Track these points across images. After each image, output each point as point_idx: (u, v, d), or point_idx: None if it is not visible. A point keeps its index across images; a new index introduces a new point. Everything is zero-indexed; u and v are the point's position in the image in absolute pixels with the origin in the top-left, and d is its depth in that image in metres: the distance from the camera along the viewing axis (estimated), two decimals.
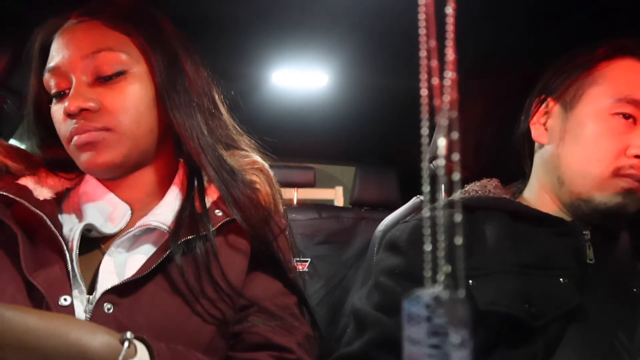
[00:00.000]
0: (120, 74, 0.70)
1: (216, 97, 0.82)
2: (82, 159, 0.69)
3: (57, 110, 0.71)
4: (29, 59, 0.76)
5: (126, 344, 0.52)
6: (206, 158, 0.73)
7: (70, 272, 0.64)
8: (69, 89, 0.70)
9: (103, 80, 0.70)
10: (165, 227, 0.70)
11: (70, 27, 0.72)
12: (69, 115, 0.68)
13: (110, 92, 0.69)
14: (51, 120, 0.73)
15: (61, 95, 0.71)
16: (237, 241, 0.73)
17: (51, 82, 0.71)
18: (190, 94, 0.75)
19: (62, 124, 0.70)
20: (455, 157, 0.25)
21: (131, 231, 0.69)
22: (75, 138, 0.68)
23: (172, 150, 0.79)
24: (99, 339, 0.50)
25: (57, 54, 0.70)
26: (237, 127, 0.84)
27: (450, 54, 0.25)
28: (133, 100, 0.70)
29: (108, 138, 0.68)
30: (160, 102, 0.73)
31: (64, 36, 0.71)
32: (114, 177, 0.74)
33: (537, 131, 0.87)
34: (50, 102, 0.73)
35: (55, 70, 0.70)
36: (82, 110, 0.67)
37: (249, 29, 1.15)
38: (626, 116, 0.77)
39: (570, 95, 0.82)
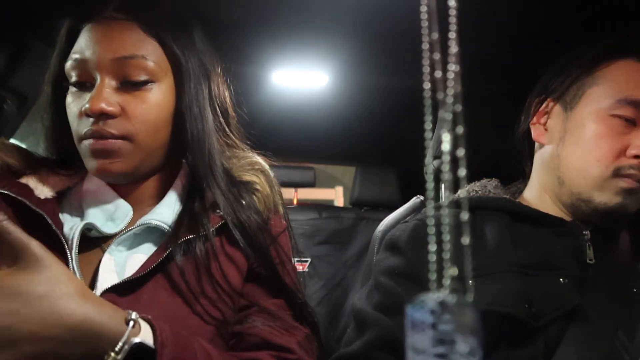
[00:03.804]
0: (148, 82, 0.69)
1: (230, 108, 0.81)
2: (93, 163, 0.68)
3: (74, 103, 0.69)
4: (51, 41, 0.72)
5: (131, 323, 0.53)
6: (215, 181, 0.73)
7: (71, 271, 0.64)
8: (90, 82, 0.68)
9: (129, 86, 0.68)
10: (165, 226, 0.70)
11: (105, 24, 0.69)
12: (88, 114, 0.66)
13: (134, 99, 0.68)
14: (65, 105, 0.71)
15: (80, 86, 0.69)
16: (237, 241, 0.73)
17: (73, 72, 0.69)
18: (210, 112, 0.75)
19: (76, 119, 0.68)
20: (460, 152, 0.24)
21: (132, 229, 0.69)
22: (91, 142, 0.67)
23: (178, 157, 0.79)
24: (105, 318, 0.51)
25: (87, 48, 0.68)
26: (238, 127, 0.84)
27: (453, 46, 0.24)
28: (155, 111, 0.69)
29: (124, 148, 0.68)
30: (178, 116, 0.72)
31: (97, 31, 0.69)
32: (120, 183, 0.74)
33: (537, 131, 0.87)
34: (67, 88, 0.71)
35: (80, 63, 0.68)
36: (103, 113, 0.66)
37: (249, 29, 1.15)
38: (626, 117, 0.77)
39: (571, 95, 0.82)
